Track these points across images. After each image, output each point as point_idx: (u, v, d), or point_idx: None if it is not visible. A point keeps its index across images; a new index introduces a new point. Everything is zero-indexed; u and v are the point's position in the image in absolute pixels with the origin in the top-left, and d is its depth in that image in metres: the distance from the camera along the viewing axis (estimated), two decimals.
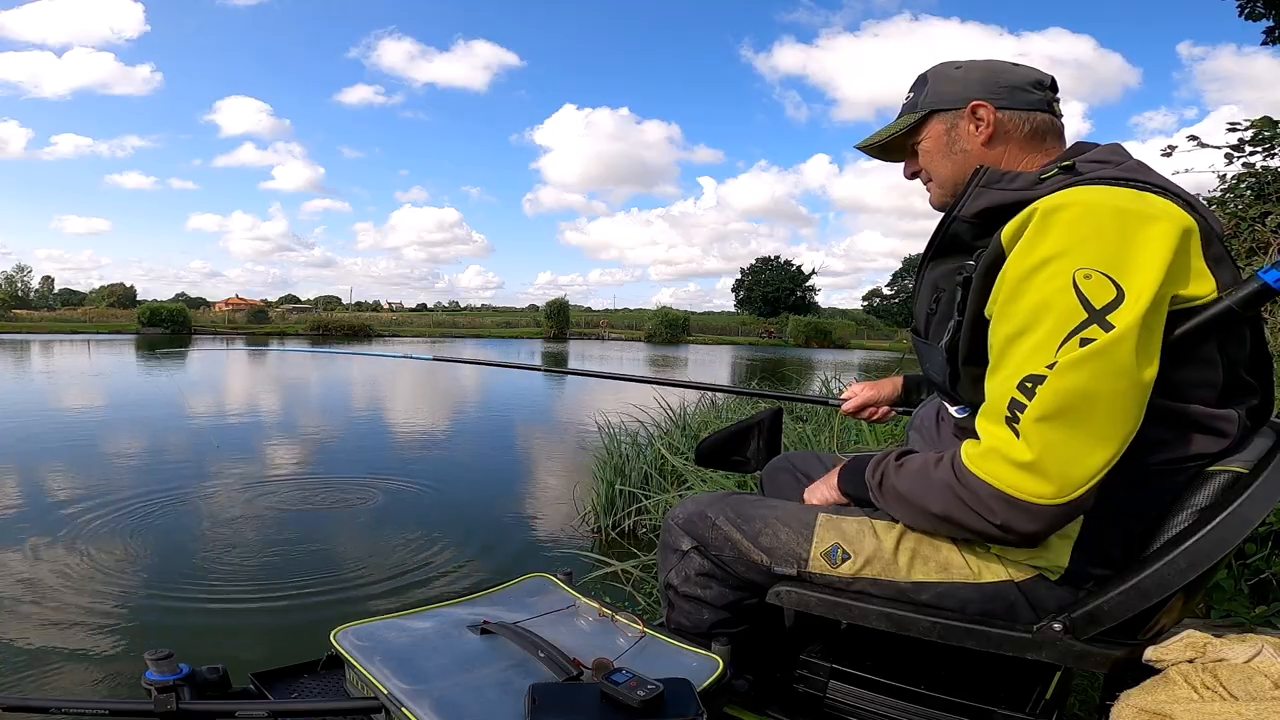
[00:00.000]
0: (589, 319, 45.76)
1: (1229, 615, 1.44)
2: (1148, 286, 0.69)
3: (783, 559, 0.97)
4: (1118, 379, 0.69)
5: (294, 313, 44.80)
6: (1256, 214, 3.93)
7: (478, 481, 4.46)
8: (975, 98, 0.95)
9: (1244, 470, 0.79)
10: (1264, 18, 6.13)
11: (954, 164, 0.97)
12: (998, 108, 0.94)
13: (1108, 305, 0.69)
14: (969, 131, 0.95)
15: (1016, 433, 0.72)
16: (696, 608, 1.05)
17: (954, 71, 0.99)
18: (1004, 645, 0.84)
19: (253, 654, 1.92)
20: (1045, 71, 0.97)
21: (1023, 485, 0.73)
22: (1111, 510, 0.80)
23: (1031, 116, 0.94)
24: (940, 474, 0.81)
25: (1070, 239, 0.72)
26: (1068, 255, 0.72)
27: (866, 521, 0.95)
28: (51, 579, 2.48)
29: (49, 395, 8.72)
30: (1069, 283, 0.71)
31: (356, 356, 16.63)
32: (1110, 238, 0.71)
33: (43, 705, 1.14)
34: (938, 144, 0.99)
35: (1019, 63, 0.98)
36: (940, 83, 0.99)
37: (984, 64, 0.99)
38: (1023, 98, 0.94)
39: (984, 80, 0.96)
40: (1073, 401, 0.70)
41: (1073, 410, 0.70)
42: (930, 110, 0.99)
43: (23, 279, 67.01)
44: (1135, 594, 0.77)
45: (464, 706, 0.86)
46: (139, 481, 4.11)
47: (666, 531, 1.08)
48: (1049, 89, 0.96)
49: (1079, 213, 0.73)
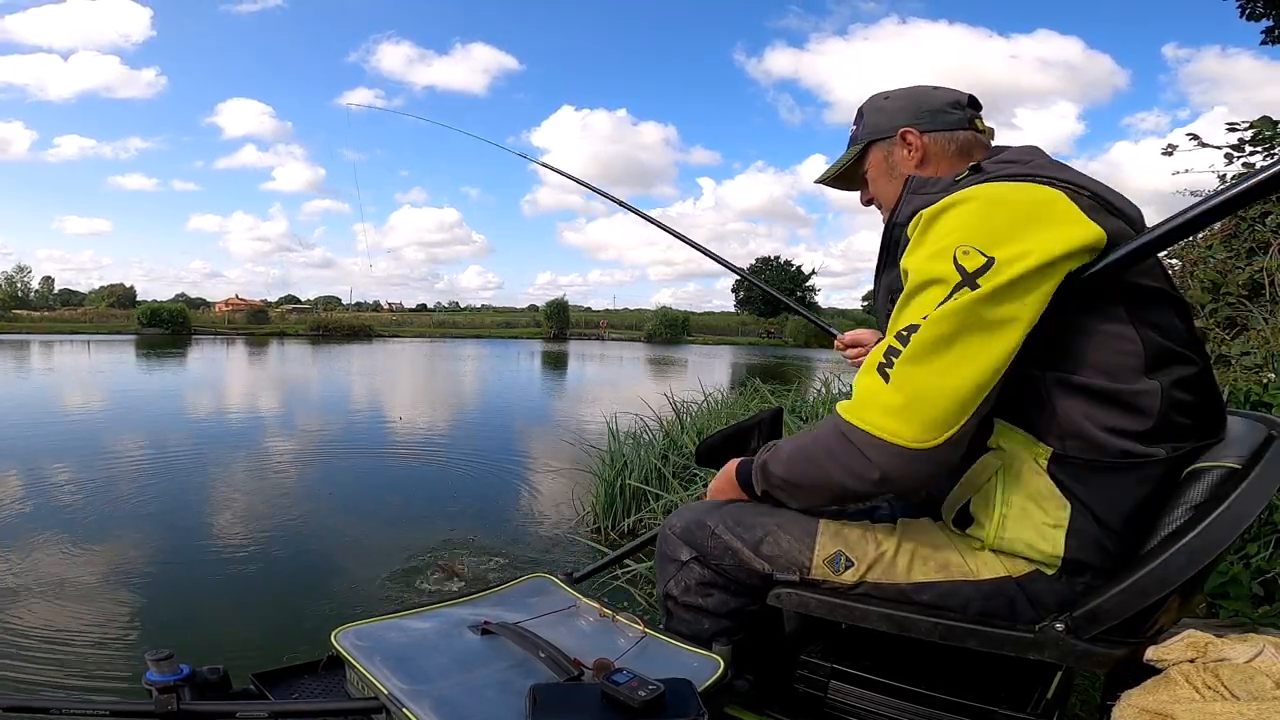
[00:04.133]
0: (589, 319, 45.76)
1: (1236, 615, 1.44)
2: (1018, 258, 0.75)
3: (785, 567, 0.96)
4: (980, 331, 0.75)
5: (294, 313, 44.79)
6: (1256, 214, 3.94)
7: (477, 481, 4.46)
8: (903, 125, 1.04)
9: (1237, 466, 0.80)
10: (1264, 17, 6.14)
11: (895, 187, 1.04)
12: (923, 131, 1.03)
13: (978, 270, 0.76)
14: (903, 156, 1.04)
15: (887, 378, 0.78)
16: (697, 617, 1.04)
17: (884, 102, 1.08)
18: (1006, 645, 0.84)
19: (253, 654, 1.92)
20: (964, 91, 1.06)
21: (891, 427, 0.77)
22: (1079, 498, 0.82)
23: (955, 136, 1.02)
24: (819, 435, 0.86)
25: (956, 224, 0.80)
26: (952, 236, 0.80)
27: (869, 527, 0.96)
28: (51, 578, 2.48)
29: (50, 394, 8.72)
30: (950, 258, 0.78)
31: (355, 350, 16.61)
32: (992, 221, 0.79)
33: (43, 705, 1.14)
34: (879, 171, 1.09)
35: (940, 86, 1.07)
36: (873, 114, 1.09)
37: (908, 91, 1.08)
38: (944, 119, 1.03)
39: (908, 108, 1.05)
40: (938, 348, 0.76)
41: (937, 357, 0.76)
42: (868, 141, 1.08)
43: (23, 279, 67.01)
44: (1135, 592, 0.78)
45: (464, 707, 0.86)
46: (140, 480, 4.12)
47: (664, 542, 1.08)
48: (969, 107, 1.04)
49: (966, 204, 0.81)
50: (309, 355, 18.67)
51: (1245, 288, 3.42)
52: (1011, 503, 0.84)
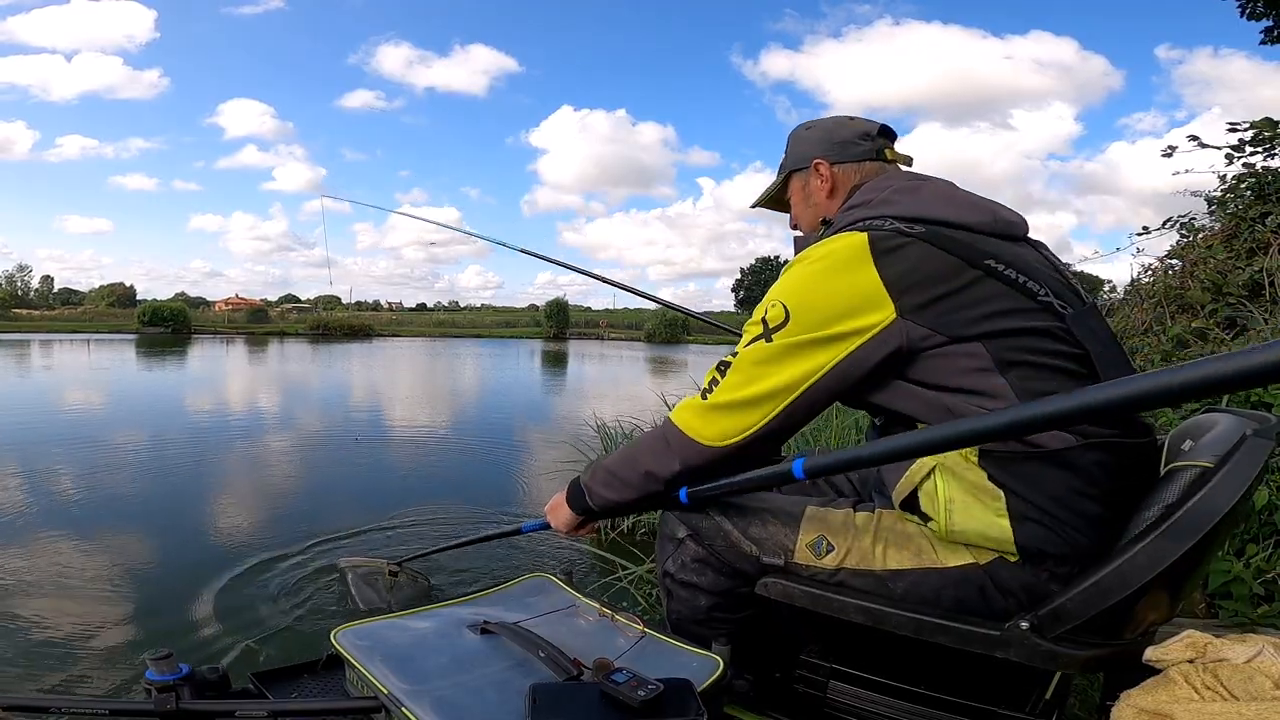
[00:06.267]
0: (589, 318, 45.69)
1: (1236, 615, 1.44)
2: (807, 327, 0.90)
3: (771, 550, 1.00)
4: (772, 367, 0.91)
5: (294, 312, 44.77)
6: (1256, 214, 3.93)
7: (477, 481, 4.46)
8: (816, 156, 1.12)
9: (1210, 465, 0.80)
10: (1264, 17, 6.13)
11: (810, 215, 1.15)
12: (832, 163, 1.11)
13: (777, 326, 0.92)
14: (816, 186, 1.12)
15: (706, 395, 0.96)
16: (693, 594, 1.07)
17: (804, 133, 1.16)
18: (974, 642, 0.85)
19: (253, 654, 1.92)
20: (875, 121, 1.13)
21: (696, 427, 0.96)
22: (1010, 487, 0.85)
23: (860, 167, 1.10)
24: (652, 433, 1.03)
25: (783, 280, 0.95)
26: (775, 290, 0.95)
27: (850, 513, 0.99)
28: (51, 578, 2.48)
29: (50, 391, 8.72)
30: (765, 309, 0.94)
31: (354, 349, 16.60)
32: (800, 280, 0.93)
33: (43, 705, 1.14)
34: (798, 199, 1.17)
35: (855, 116, 1.15)
36: (794, 144, 1.17)
37: (825, 123, 1.15)
38: (853, 150, 1.10)
39: (821, 139, 1.13)
40: (739, 377, 0.93)
41: (739, 384, 0.93)
42: (790, 171, 1.16)
43: (23, 278, 67.01)
44: (1096, 592, 0.78)
45: (464, 706, 0.86)
46: (140, 478, 4.11)
47: (664, 521, 1.11)
48: (880, 136, 1.12)
49: (794, 265, 0.96)
50: (309, 354, 18.67)
51: (1245, 288, 3.42)
52: (954, 496, 0.88)
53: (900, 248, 0.88)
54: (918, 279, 0.87)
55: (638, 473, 1.02)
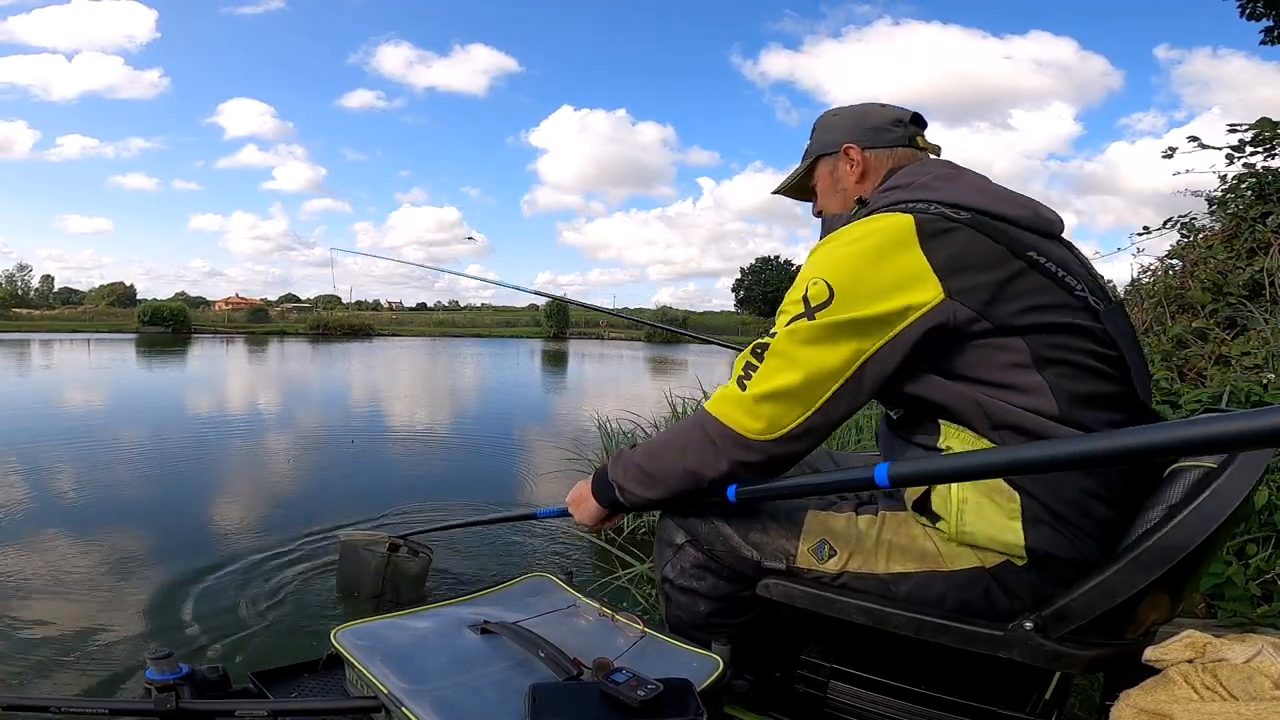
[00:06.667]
0: (589, 318, 45.69)
1: (1235, 615, 1.44)
2: (852, 304, 0.85)
3: (771, 554, 0.99)
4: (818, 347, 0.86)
5: (294, 312, 44.75)
6: (1257, 214, 3.94)
7: (477, 480, 4.46)
8: (846, 141, 1.10)
9: (1213, 466, 0.80)
10: (1264, 17, 6.13)
11: (839, 201, 1.13)
12: (864, 148, 1.09)
13: (820, 304, 0.87)
14: (846, 171, 1.11)
15: (744, 385, 0.90)
16: (692, 600, 1.06)
17: (832, 119, 1.15)
18: (976, 642, 0.84)
19: (253, 653, 1.92)
20: (908, 109, 1.12)
21: (741, 420, 0.89)
22: (1025, 489, 0.84)
23: (894, 153, 1.09)
24: (681, 426, 0.98)
25: (819, 259, 0.90)
26: (814, 268, 0.90)
27: (852, 517, 0.98)
28: (51, 577, 2.48)
29: (50, 390, 8.72)
30: (805, 287, 0.89)
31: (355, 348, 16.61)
32: (843, 258, 0.88)
33: (43, 704, 1.14)
34: (825, 184, 1.16)
35: (886, 104, 1.14)
36: (822, 130, 1.16)
37: (855, 109, 1.14)
38: (885, 136, 1.09)
39: (852, 125, 1.11)
40: (781, 360, 0.88)
41: (781, 368, 0.87)
42: (816, 156, 1.15)
43: (23, 278, 66.99)
44: (1101, 592, 0.78)
45: (464, 706, 0.86)
46: (141, 476, 4.11)
47: (661, 526, 1.10)
48: (912, 124, 1.11)
49: (831, 241, 0.92)
50: (309, 353, 18.67)
51: (1245, 288, 3.42)
52: (967, 497, 0.87)
53: (948, 231, 0.86)
54: (965, 264, 0.85)
55: (677, 470, 0.95)
